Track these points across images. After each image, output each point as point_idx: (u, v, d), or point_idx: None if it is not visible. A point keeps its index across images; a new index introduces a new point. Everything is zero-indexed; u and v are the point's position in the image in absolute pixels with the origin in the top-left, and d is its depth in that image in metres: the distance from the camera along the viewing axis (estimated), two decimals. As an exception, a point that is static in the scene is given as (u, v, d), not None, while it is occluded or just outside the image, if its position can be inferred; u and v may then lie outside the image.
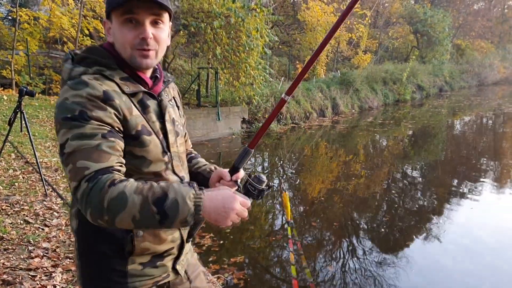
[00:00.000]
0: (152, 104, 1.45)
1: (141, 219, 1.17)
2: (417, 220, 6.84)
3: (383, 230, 6.43)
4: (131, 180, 1.22)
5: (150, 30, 1.38)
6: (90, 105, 1.26)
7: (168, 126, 1.49)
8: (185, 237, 1.57)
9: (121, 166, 1.29)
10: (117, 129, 1.31)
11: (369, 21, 25.39)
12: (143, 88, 1.43)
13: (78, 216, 1.45)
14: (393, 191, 8.46)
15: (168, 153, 1.48)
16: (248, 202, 1.31)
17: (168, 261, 1.53)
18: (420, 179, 9.48)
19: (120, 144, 1.31)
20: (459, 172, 10.07)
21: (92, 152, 1.22)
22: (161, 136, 1.46)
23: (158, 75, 1.55)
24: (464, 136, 15.62)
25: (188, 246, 1.67)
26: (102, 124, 1.27)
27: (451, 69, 31.45)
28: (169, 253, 1.52)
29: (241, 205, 1.27)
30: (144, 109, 1.42)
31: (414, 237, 6.17)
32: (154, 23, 1.40)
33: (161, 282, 1.53)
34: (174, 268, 1.56)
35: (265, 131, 1.56)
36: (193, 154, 1.84)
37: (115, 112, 1.31)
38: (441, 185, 8.78)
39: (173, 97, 1.65)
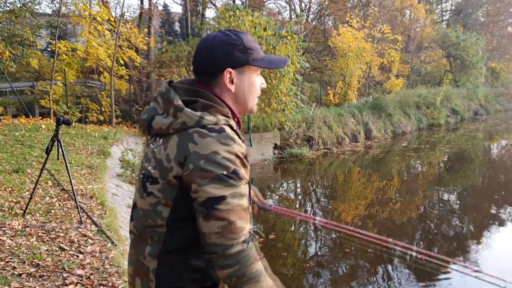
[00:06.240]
0: None
1: None
2: (455, 247, 6.63)
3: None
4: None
5: None
6: (239, 163, 1.36)
7: None
8: None
9: None
10: None
11: (401, 46, 25.22)
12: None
13: (156, 276, 1.41)
14: (430, 217, 8.24)
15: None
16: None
17: None
18: (457, 205, 9.21)
19: None
20: (498, 197, 9.76)
21: (245, 213, 1.34)
22: None
23: None
24: (502, 160, 15.18)
25: None
26: (246, 183, 1.39)
27: (486, 92, 30.76)
28: None
29: None
30: None
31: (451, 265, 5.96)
32: None
33: None
34: None
35: None
36: None
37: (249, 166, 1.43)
38: (479, 211, 8.51)
39: None
